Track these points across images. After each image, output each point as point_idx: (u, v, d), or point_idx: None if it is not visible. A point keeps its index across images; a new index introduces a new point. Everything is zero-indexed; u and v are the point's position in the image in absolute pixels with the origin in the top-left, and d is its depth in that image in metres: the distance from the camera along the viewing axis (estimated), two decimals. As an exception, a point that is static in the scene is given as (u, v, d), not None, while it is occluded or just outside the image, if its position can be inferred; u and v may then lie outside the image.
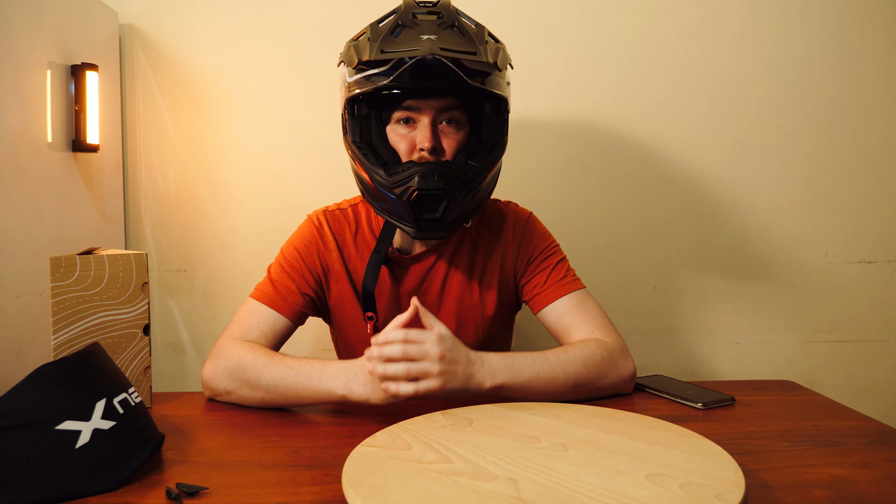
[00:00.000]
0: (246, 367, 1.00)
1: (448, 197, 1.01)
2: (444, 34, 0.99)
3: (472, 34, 1.01)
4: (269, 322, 1.10)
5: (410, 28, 1.00)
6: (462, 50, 0.97)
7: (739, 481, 0.69)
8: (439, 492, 0.67)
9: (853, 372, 1.74)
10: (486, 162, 1.06)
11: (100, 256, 0.97)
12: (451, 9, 1.04)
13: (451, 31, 1.01)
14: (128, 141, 1.65)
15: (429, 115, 1.05)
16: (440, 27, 1.00)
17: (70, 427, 0.73)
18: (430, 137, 1.03)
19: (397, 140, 1.07)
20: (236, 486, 0.75)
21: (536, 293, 1.17)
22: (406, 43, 0.97)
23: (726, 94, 1.67)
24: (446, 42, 0.97)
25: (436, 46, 0.95)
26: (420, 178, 1.00)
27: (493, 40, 1.06)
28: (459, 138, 1.07)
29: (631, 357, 1.09)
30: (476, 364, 0.95)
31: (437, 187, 1.00)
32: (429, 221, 1.03)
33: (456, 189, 1.02)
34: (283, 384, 0.98)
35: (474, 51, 0.98)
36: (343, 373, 0.96)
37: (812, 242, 1.71)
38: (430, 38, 0.96)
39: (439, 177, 1.00)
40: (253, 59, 1.63)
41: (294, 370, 0.98)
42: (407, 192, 1.01)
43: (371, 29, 1.03)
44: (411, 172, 1.01)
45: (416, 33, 0.98)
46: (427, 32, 0.98)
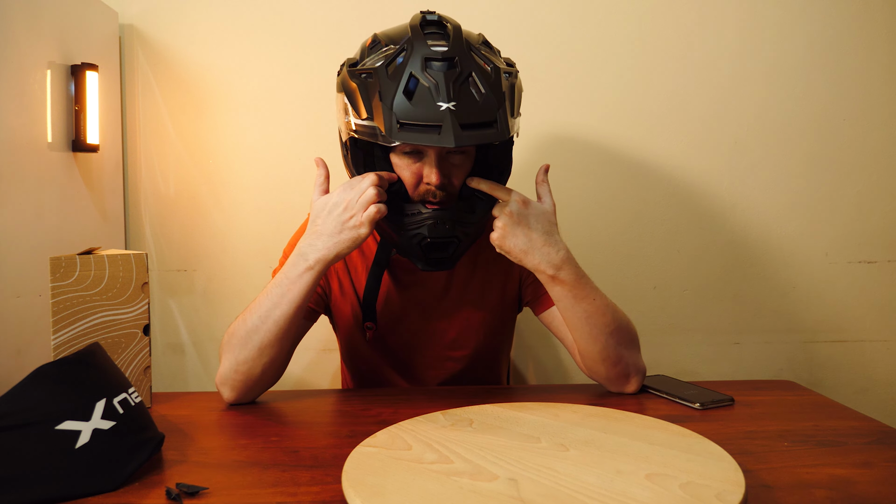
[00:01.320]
0: (234, 332, 1.01)
1: (458, 241, 1.01)
2: (463, 96, 0.92)
3: (488, 86, 0.94)
4: None
5: (424, 87, 0.92)
6: (482, 123, 0.92)
7: (739, 481, 0.69)
8: (439, 492, 0.67)
9: (853, 372, 1.74)
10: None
11: (100, 256, 0.97)
12: (464, 47, 0.96)
13: (469, 87, 0.93)
14: (128, 141, 1.65)
15: (437, 149, 1.00)
16: (456, 84, 0.92)
17: (70, 427, 0.73)
18: (438, 174, 0.99)
19: (403, 170, 1.03)
20: (236, 486, 0.75)
21: (540, 295, 1.16)
22: (424, 115, 0.90)
23: (726, 95, 1.67)
24: (465, 112, 0.91)
25: (457, 128, 0.89)
26: (430, 229, 0.99)
27: (507, 77, 0.99)
28: (466, 168, 1.05)
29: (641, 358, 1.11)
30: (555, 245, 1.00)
31: (447, 235, 0.99)
32: (438, 259, 1.03)
33: (465, 231, 1.01)
34: (264, 308, 0.98)
35: (493, 119, 0.93)
36: (297, 252, 0.98)
37: (812, 242, 1.71)
38: (449, 109, 0.90)
39: (450, 224, 0.99)
40: (253, 59, 1.63)
41: (264, 293, 1.00)
42: (417, 238, 1.00)
43: (380, 78, 0.94)
44: (421, 220, 0.99)
45: (432, 98, 0.91)
46: (444, 97, 0.90)
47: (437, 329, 1.17)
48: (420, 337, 1.17)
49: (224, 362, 1.02)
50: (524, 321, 1.67)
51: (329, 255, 0.97)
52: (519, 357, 1.72)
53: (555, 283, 1.00)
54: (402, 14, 1.62)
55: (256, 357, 1.00)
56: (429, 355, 1.18)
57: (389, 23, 1.10)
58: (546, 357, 1.72)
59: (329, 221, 0.97)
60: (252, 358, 1.00)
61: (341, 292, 1.17)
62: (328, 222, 0.97)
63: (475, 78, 0.94)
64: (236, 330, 1.01)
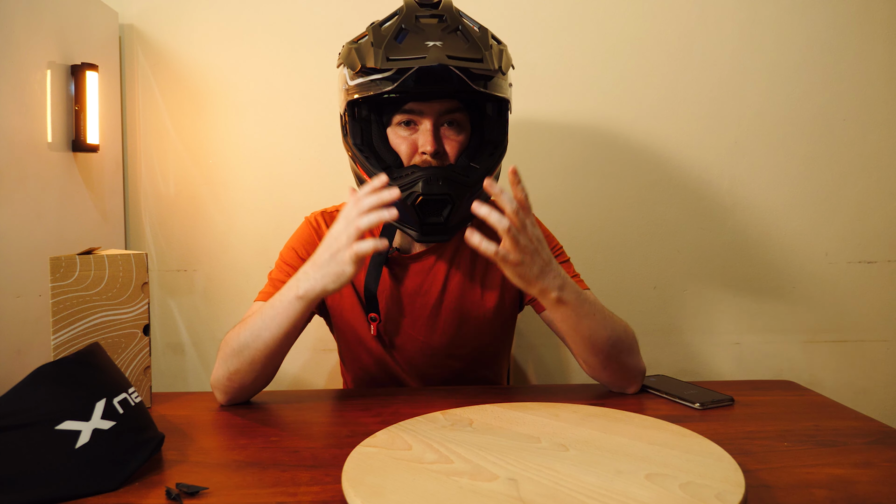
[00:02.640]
0: (228, 341, 1.01)
1: (452, 201, 1.01)
2: (450, 39, 0.98)
3: (476, 38, 1.00)
4: None
5: (414, 33, 0.99)
6: (469, 57, 0.96)
7: (739, 481, 0.69)
8: (439, 492, 0.67)
9: (853, 372, 1.74)
10: (488, 164, 1.06)
11: (100, 256, 0.97)
12: (454, 11, 1.04)
13: (456, 35, 1.00)
14: (128, 141, 1.65)
15: (430, 118, 1.04)
16: (445, 32, 0.99)
17: (70, 427, 0.73)
18: (433, 141, 1.03)
19: (398, 142, 1.07)
20: (236, 486, 0.75)
21: None
22: (412, 49, 0.97)
23: (726, 94, 1.67)
24: (453, 48, 0.96)
25: (443, 54, 0.94)
26: (424, 184, 0.99)
27: (496, 42, 1.05)
28: (461, 140, 1.07)
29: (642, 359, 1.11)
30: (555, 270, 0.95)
31: (441, 192, 0.99)
32: (433, 225, 1.03)
33: (459, 193, 1.02)
34: (261, 323, 0.98)
35: (480, 57, 0.97)
36: (295, 277, 0.97)
37: (812, 242, 1.71)
38: (436, 45, 0.95)
39: (443, 182, 1.00)
40: (253, 59, 1.63)
41: (260, 311, 0.99)
42: (411, 198, 1.00)
43: (374, 33, 1.02)
44: (415, 178, 1.00)
45: (420, 39, 0.97)
46: (432, 38, 0.97)
47: (438, 328, 1.17)
48: (422, 336, 1.17)
49: (218, 368, 1.03)
50: (525, 320, 1.67)
51: (315, 288, 0.93)
52: (520, 356, 1.72)
53: (559, 305, 0.98)
54: (402, 14, 1.62)
55: (248, 369, 1.01)
56: (430, 354, 1.18)
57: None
58: (547, 356, 1.72)
59: (322, 251, 0.94)
60: (243, 370, 1.01)
61: (340, 295, 1.17)
62: (321, 251, 0.94)
63: (462, 30, 1.00)
64: (231, 340, 1.02)
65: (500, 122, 1.09)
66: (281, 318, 0.97)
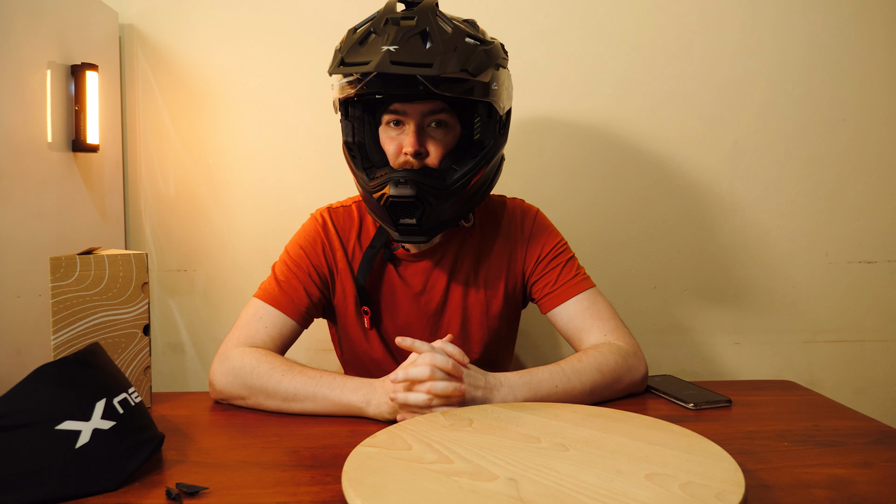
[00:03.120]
0: (262, 376, 1.00)
1: (422, 204, 1.01)
2: (408, 44, 0.95)
3: (441, 41, 0.96)
4: (276, 326, 1.09)
5: (378, 36, 0.98)
6: (416, 63, 0.93)
7: (739, 481, 0.69)
8: (439, 492, 0.67)
9: (853, 372, 1.74)
10: (470, 166, 1.04)
11: (100, 256, 0.97)
12: (428, 12, 0.99)
13: (417, 39, 0.96)
14: (128, 141, 1.65)
15: (414, 118, 1.05)
16: (406, 34, 0.96)
17: (70, 427, 0.73)
18: (414, 142, 1.03)
19: (387, 142, 1.08)
20: (236, 486, 0.75)
21: (546, 293, 1.16)
22: (366, 54, 0.95)
23: (726, 95, 1.67)
24: (406, 53, 0.93)
25: (386, 61, 0.92)
26: (392, 185, 1.01)
27: (478, 42, 1.01)
28: (447, 141, 1.06)
29: (643, 357, 1.10)
30: (495, 388, 0.96)
31: (408, 195, 1.00)
32: (407, 226, 1.04)
33: (431, 196, 1.01)
34: (303, 394, 0.98)
35: (430, 62, 0.93)
36: (364, 386, 0.97)
37: (812, 242, 1.71)
38: (388, 50, 0.93)
39: (411, 184, 1.00)
40: (253, 59, 1.63)
41: (314, 381, 0.98)
42: (382, 199, 1.02)
43: (347, 35, 1.03)
44: (386, 179, 1.02)
45: (378, 43, 0.96)
46: (389, 42, 0.94)
47: (441, 324, 1.17)
48: (425, 336, 1.17)
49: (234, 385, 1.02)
50: (527, 320, 1.66)
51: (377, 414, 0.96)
52: (519, 357, 1.72)
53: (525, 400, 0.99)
54: (402, 14, 1.62)
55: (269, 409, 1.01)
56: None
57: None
58: (548, 357, 1.72)
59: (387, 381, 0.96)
60: (264, 406, 1.01)
61: (344, 295, 1.17)
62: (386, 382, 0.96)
63: (428, 32, 0.97)
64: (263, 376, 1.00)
65: (490, 123, 1.07)
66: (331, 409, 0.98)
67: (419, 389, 0.91)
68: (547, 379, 0.99)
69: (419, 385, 0.91)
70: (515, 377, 0.98)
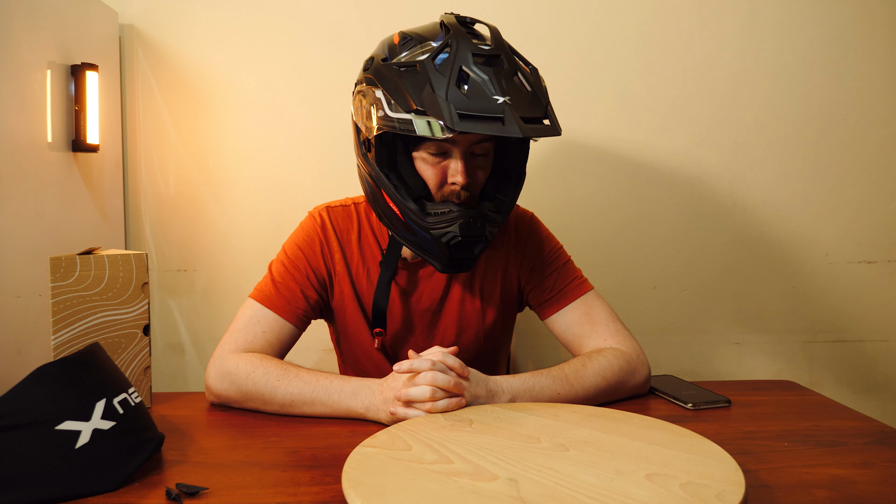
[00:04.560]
0: (257, 382, 0.99)
1: (487, 240, 1.01)
2: (513, 91, 0.90)
3: (533, 84, 0.94)
4: (274, 330, 1.08)
5: (476, 79, 0.89)
6: (538, 117, 0.91)
7: (739, 481, 0.69)
8: (439, 492, 0.67)
9: (853, 372, 1.74)
10: (513, 195, 1.04)
11: (100, 256, 0.97)
12: (506, 46, 0.95)
13: (516, 82, 0.92)
14: (128, 141, 1.65)
15: (463, 147, 0.99)
16: (507, 80, 0.90)
17: (70, 427, 0.73)
18: (464, 173, 0.99)
19: (425, 169, 1.01)
20: (236, 486, 0.75)
21: (543, 300, 1.16)
22: (482, 107, 0.87)
23: (726, 95, 1.67)
24: (520, 105, 0.89)
25: (519, 119, 0.86)
26: (464, 227, 0.97)
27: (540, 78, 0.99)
28: (487, 169, 1.05)
29: (645, 360, 1.09)
30: (496, 395, 0.96)
31: (479, 235, 0.99)
32: (461, 260, 1.01)
33: (493, 231, 1.01)
34: (301, 399, 0.97)
35: (544, 114, 0.92)
36: (362, 390, 0.96)
37: (812, 242, 1.71)
38: (506, 103, 0.87)
39: (482, 223, 0.99)
40: (253, 58, 1.63)
41: (311, 385, 0.97)
42: (447, 237, 0.98)
43: (429, 71, 0.90)
44: (452, 218, 0.97)
45: (485, 90, 0.89)
46: (496, 89, 0.89)
47: (436, 331, 1.17)
48: (421, 342, 1.17)
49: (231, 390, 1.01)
50: (524, 321, 1.67)
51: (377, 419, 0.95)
52: (519, 357, 1.72)
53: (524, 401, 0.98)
54: (402, 14, 1.63)
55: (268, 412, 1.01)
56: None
57: (390, 24, 1.10)
58: (546, 357, 1.72)
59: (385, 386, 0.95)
60: (263, 410, 1.01)
61: (342, 297, 1.16)
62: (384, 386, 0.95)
63: (520, 76, 0.94)
64: (260, 382, 0.99)
65: (524, 150, 1.07)
66: (331, 413, 0.97)
67: (419, 408, 0.91)
68: (549, 385, 0.99)
69: (419, 404, 0.91)
70: (517, 383, 0.98)
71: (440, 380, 0.91)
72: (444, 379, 0.91)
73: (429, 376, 0.91)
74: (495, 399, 0.96)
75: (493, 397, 0.95)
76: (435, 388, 0.90)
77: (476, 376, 0.96)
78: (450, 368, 0.93)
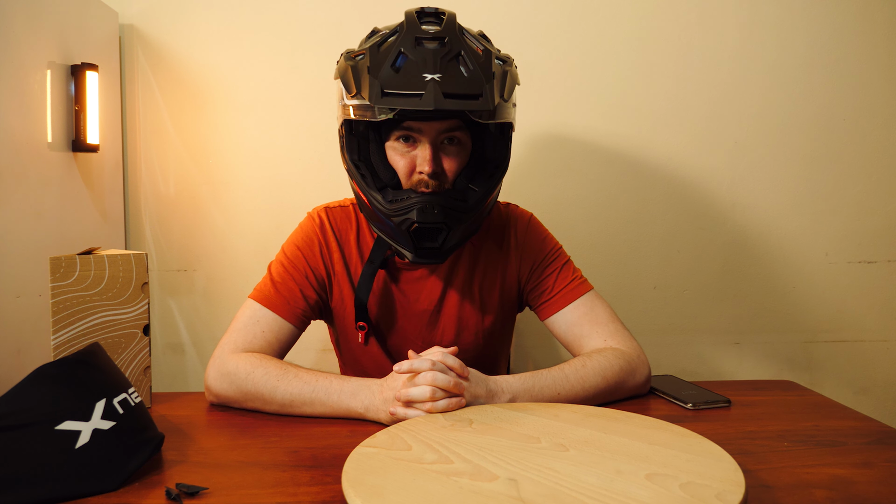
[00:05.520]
0: (258, 382, 0.99)
1: (448, 228, 1.00)
2: (450, 70, 0.92)
3: (478, 65, 0.94)
4: (274, 330, 1.08)
5: (413, 61, 0.93)
6: (468, 93, 0.92)
7: (739, 481, 0.69)
8: (439, 492, 0.67)
9: (853, 372, 1.74)
10: (487, 186, 1.03)
11: (100, 256, 0.97)
12: (456, 31, 0.97)
13: (457, 63, 0.93)
14: (128, 141, 1.65)
15: (430, 136, 1.01)
16: (445, 59, 0.93)
17: (70, 427, 0.73)
18: (431, 161, 1.00)
19: (397, 159, 1.03)
20: (236, 486, 0.75)
21: (544, 300, 1.16)
22: (408, 83, 0.91)
23: (726, 95, 1.67)
24: (451, 83, 0.91)
25: (440, 94, 0.89)
26: (419, 212, 0.97)
27: (502, 62, 0.99)
28: (461, 159, 1.04)
29: (646, 360, 1.09)
30: (496, 395, 0.96)
31: (436, 221, 0.98)
32: (427, 249, 1.02)
33: (455, 220, 1.00)
34: (300, 399, 0.97)
35: (479, 92, 0.92)
36: (362, 390, 0.96)
37: (812, 242, 1.71)
38: (434, 80, 0.90)
39: (439, 210, 0.98)
40: (253, 59, 1.63)
41: (311, 385, 0.97)
42: (405, 224, 0.98)
43: (371, 55, 0.96)
44: (410, 204, 0.98)
45: (418, 69, 0.92)
46: (430, 69, 0.91)
47: (435, 332, 1.17)
48: (419, 342, 1.16)
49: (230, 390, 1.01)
50: (524, 322, 1.67)
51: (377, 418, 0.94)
52: (518, 357, 1.72)
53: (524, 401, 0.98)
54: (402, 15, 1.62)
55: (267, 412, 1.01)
56: (427, 358, 1.17)
57: (390, 24, 1.10)
58: (546, 357, 1.72)
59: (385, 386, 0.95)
60: (263, 409, 1.01)
61: (341, 298, 1.16)
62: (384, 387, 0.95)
63: (464, 56, 0.94)
64: (259, 383, 0.99)
65: (503, 141, 1.05)
66: (330, 413, 0.97)
67: (419, 408, 0.91)
68: (549, 385, 0.99)
69: (419, 404, 0.91)
70: (517, 382, 0.98)
71: (440, 380, 0.91)
72: (443, 379, 0.91)
73: (429, 376, 0.91)
74: (495, 399, 0.96)
75: (493, 397, 0.95)
76: (435, 388, 0.90)
77: (476, 376, 0.96)
78: (450, 368, 0.93)
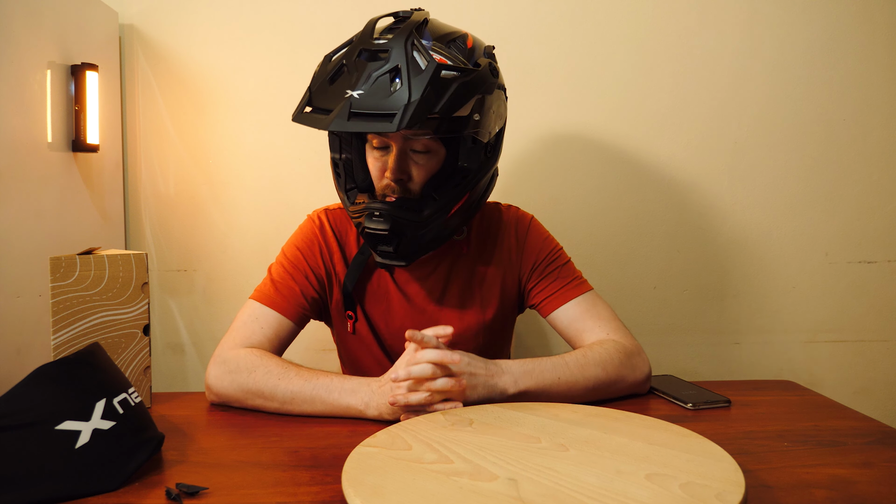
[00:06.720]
0: (258, 379, 0.99)
1: (396, 237, 1.01)
2: (375, 87, 0.91)
3: (411, 80, 0.90)
4: (272, 326, 1.08)
5: (346, 75, 0.94)
6: (379, 112, 0.89)
7: (739, 481, 0.69)
8: (439, 492, 0.67)
9: (853, 372, 1.74)
10: (450, 195, 1.02)
11: (100, 256, 0.97)
12: (405, 42, 0.94)
13: (385, 80, 0.91)
14: (128, 141, 1.65)
15: (397, 143, 1.02)
16: (375, 73, 0.91)
17: (70, 427, 0.73)
18: (395, 168, 1.02)
19: (372, 163, 1.06)
20: (236, 486, 0.75)
21: (545, 298, 1.16)
22: (328, 100, 0.93)
23: (726, 95, 1.67)
24: (368, 99, 0.89)
25: (344, 114, 0.88)
26: (367, 219, 1.01)
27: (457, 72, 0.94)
28: (430, 167, 1.04)
29: (646, 358, 1.09)
30: (496, 374, 0.97)
31: (381, 228, 1.00)
32: (385, 253, 1.04)
33: (406, 229, 1.01)
34: (301, 397, 0.97)
35: (393, 111, 0.88)
36: (362, 387, 0.96)
37: (812, 242, 1.71)
38: (351, 97, 0.90)
39: (386, 219, 1.00)
40: (253, 59, 1.63)
41: (311, 383, 0.98)
42: (360, 227, 1.03)
43: (322, 64, 1.00)
44: (363, 209, 1.02)
45: (345, 85, 0.92)
46: (355, 84, 0.91)
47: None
48: None
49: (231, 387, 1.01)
50: (524, 321, 1.67)
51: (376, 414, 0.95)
52: (518, 357, 1.72)
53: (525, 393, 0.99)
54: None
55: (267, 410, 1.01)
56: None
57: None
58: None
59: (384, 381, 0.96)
60: (262, 408, 1.01)
61: (341, 296, 1.16)
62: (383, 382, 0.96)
63: (401, 69, 0.91)
64: (260, 380, 0.99)
65: (474, 150, 1.03)
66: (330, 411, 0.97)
67: (419, 388, 0.91)
68: (550, 369, 1.00)
69: (419, 385, 0.91)
70: (517, 365, 0.99)
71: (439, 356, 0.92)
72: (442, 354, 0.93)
73: (430, 354, 0.92)
74: (495, 377, 0.96)
75: (492, 376, 0.96)
76: (434, 365, 0.92)
77: (474, 357, 0.97)
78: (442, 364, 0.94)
